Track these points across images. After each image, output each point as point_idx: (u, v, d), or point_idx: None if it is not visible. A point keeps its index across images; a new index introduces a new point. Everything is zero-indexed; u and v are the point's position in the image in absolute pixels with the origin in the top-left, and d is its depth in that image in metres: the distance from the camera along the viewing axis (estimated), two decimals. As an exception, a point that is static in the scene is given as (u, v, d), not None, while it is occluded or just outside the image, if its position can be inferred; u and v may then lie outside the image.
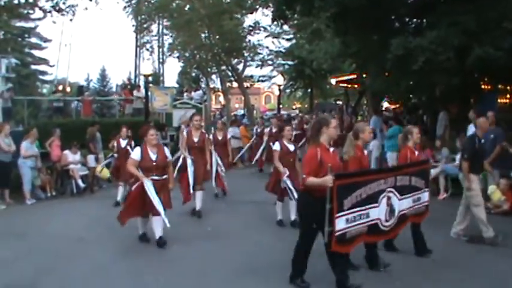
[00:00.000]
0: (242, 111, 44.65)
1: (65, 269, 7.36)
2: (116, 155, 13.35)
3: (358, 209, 6.03)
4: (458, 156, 12.25)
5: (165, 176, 8.49)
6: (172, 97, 22.92)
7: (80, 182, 14.08)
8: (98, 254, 7.94)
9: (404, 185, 6.89)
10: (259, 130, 18.65)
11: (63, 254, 8.05)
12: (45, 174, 14.05)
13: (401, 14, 15.85)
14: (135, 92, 23.73)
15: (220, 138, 13.51)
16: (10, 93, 21.15)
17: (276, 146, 9.53)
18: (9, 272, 7.25)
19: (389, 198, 6.51)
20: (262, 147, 16.46)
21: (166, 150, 8.76)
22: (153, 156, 8.30)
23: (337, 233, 5.79)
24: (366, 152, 7.68)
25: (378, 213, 6.33)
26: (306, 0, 14.72)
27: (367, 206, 6.17)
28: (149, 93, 20.23)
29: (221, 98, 42.53)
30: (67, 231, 9.62)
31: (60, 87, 30.25)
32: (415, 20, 16.17)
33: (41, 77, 50.64)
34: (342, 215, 5.83)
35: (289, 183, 9.14)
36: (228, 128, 18.33)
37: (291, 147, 9.64)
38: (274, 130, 15.52)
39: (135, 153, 8.36)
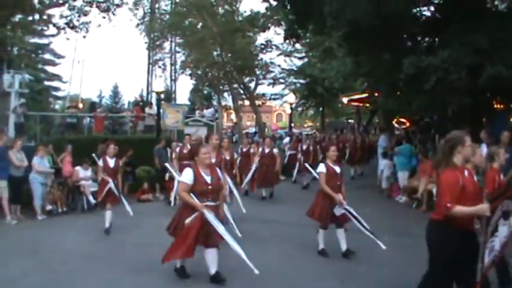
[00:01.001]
0: (254, 129, 44.69)
1: (74, 285, 7.35)
2: (101, 176, 11.54)
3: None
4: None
5: (218, 202, 7.34)
6: (184, 114, 22.96)
7: (90, 198, 14.05)
8: (107, 270, 7.93)
9: None
10: (244, 150, 16.78)
11: (73, 270, 8.03)
12: (57, 190, 14.07)
13: (413, 33, 15.90)
14: (146, 109, 23.78)
15: (228, 158, 11.64)
16: (23, 109, 21.25)
17: (322, 168, 8.72)
18: (19, 288, 7.24)
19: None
20: (253, 169, 15.07)
21: (219, 171, 7.52)
22: (208, 179, 7.12)
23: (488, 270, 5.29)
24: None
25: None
26: (318, 19, 14.81)
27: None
28: (161, 111, 20.28)
29: (233, 116, 42.62)
30: (77, 247, 9.61)
31: (74, 103, 30.47)
32: (427, 39, 16.19)
33: (53, 93, 51.08)
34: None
35: (348, 208, 8.43)
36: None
37: (337, 169, 8.83)
38: (267, 151, 15.39)
39: (187, 176, 7.08)
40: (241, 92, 37.37)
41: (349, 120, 42.28)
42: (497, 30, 12.16)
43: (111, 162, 11.46)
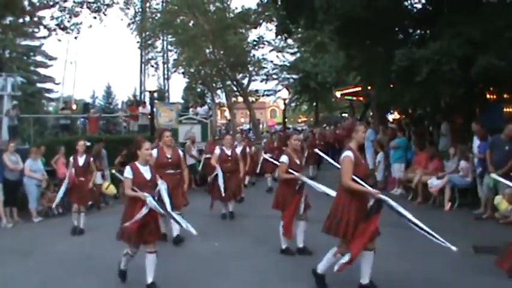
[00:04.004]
0: (248, 126, 44.74)
1: (71, 286, 7.37)
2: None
3: None
4: (461, 166, 12.25)
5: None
6: (178, 113, 22.92)
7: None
8: (104, 271, 7.90)
9: None
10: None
11: (70, 271, 8.02)
12: (52, 192, 14.04)
13: (405, 25, 15.89)
14: (140, 109, 23.77)
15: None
16: (16, 111, 21.24)
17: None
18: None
19: None
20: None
21: None
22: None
23: None
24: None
25: None
26: (309, 14, 14.79)
27: None
28: (154, 110, 20.25)
29: (227, 113, 42.60)
30: (74, 248, 9.61)
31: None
32: (418, 31, 16.19)
33: (46, 94, 50.90)
34: None
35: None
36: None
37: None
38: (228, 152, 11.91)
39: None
40: (235, 88, 37.45)
41: (343, 114, 42.32)
42: (489, 21, 12.15)
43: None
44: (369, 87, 19.13)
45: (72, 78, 65.00)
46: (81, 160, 11.10)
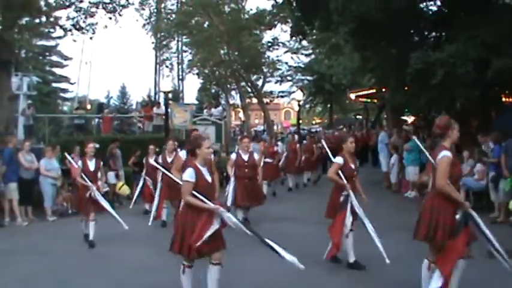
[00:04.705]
0: (262, 127, 44.72)
1: (84, 285, 7.39)
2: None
3: None
4: (477, 169, 12.18)
5: None
6: (192, 114, 22.97)
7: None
8: (118, 270, 7.94)
9: None
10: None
11: (83, 270, 8.06)
12: (67, 191, 14.11)
13: (420, 28, 15.84)
14: (154, 109, 23.81)
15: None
16: (32, 111, 21.40)
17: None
18: (30, 289, 7.28)
19: None
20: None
21: None
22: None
23: None
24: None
25: None
26: (324, 16, 14.80)
27: None
28: (169, 110, 20.29)
29: (241, 114, 42.61)
30: (87, 248, 9.62)
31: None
32: (434, 33, 16.14)
33: (62, 94, 51.27)
34: None
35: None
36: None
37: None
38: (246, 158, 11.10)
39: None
40: (249, 90, 37.46)
41: (358, 116, 42.23)
42: (504, 23, 12.11)
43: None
44: (384, 90, 19.09)
45: (87, 78, 65.38)
46: (91, 165, 9.89)
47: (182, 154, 8.54)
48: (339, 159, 7.74)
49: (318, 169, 19.64)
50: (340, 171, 7.62)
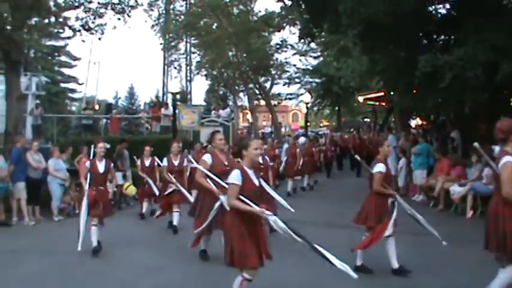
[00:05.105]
0: (269, 129, 44.74)
1: (90, 285, 7.41)
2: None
3: None
4: (486, 173, 12.10)
5: None
6: (200, 115, 23.02)
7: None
8: (125, 271, 7.95)
9: None
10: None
11: (90, 270, 8.08)
12: (74, 191, 14.14)
13: (428, 30, 15.80)
14: (162, 110, 23.87)
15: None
16: (40, 111, 21.49)
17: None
18: (37, 288, 7.29)
19: None
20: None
21: None
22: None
23: None
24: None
25: None
26: (333, 18, 14.77)
27: None
28: (177, 111, 20.32)
29: (249, 116, 42.66)
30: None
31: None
32: (442, 36, 16.09)
33: (70, 94, 51.50)
34: None
35: None
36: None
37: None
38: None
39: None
40: (257, 92, 37.48)
41: (366, 119, 42.17)
42: (513, 26, 12.07)
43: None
44: (392, 93, 19.04)
45: (95, 79, 65.61)
46: (101, 166, 9.40)
47: (207, 158, 7.98)
48: (380, 167, 7.20)
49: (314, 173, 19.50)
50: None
